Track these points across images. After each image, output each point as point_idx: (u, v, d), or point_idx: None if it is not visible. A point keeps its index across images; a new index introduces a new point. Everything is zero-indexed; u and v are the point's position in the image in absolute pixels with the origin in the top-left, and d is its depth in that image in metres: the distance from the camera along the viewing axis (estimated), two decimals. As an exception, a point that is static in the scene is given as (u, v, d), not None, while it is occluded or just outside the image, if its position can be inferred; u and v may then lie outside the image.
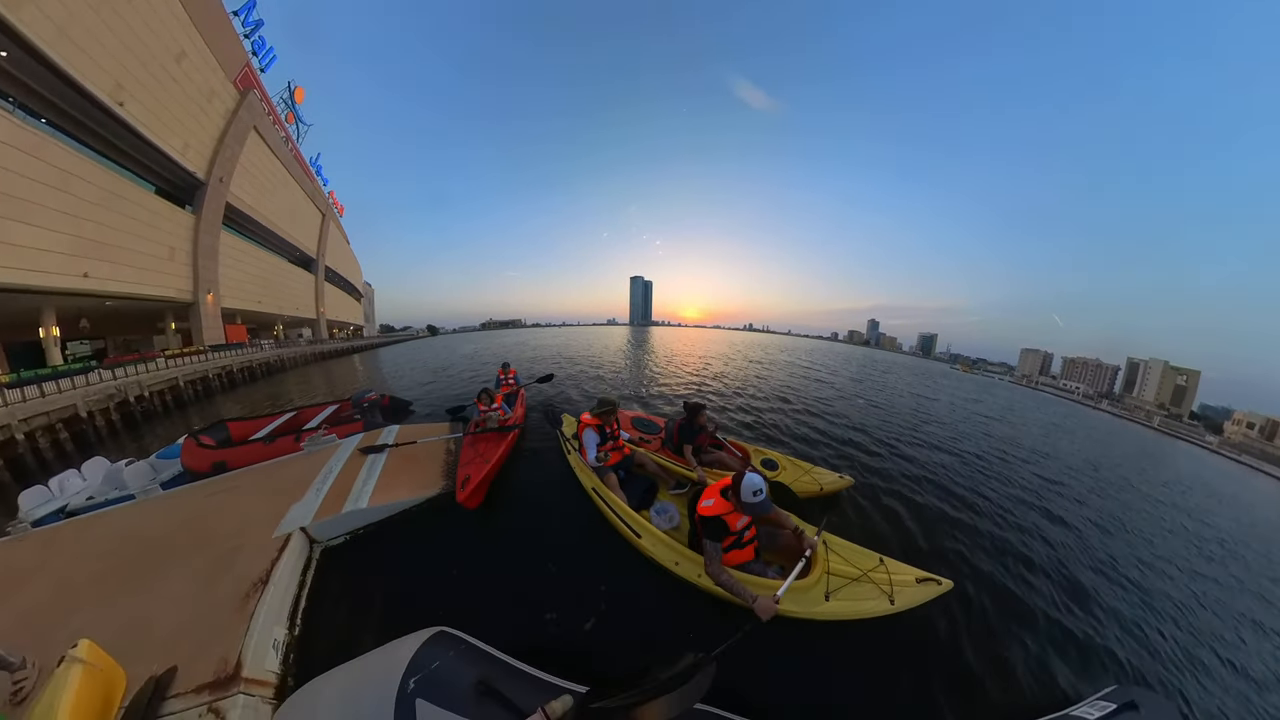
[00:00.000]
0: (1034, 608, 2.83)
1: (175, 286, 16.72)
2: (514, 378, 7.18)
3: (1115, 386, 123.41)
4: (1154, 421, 36.09)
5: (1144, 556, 4.04)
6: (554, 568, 2.79)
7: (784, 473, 3.90)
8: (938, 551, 3.37)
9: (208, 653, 1.86)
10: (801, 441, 6.14)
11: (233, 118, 18.96)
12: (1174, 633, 2.91)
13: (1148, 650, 2.66)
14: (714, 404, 8.54)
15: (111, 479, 4.16)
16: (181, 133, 15.99)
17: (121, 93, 12.94)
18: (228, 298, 20.69)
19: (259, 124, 21.44)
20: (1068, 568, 3.46)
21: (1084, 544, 4.00)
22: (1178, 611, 3.20)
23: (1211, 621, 3.17)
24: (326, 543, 2.98)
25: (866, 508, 3.94)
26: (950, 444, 7.01)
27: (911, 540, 3.49)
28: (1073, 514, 4.74)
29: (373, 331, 64.26)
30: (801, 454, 5.15)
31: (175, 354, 14.25)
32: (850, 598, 2.22)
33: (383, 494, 3.35)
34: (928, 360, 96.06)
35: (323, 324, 35.10)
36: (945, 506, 4.23)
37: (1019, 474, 5.96)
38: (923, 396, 13.08)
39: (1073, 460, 7.83)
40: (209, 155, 18.03)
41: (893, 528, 3.65)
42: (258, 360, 16.79)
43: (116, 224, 13.32)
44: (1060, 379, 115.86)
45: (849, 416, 8.13)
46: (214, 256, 18.88)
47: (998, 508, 4.45)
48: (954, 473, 5.40)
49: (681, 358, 18.86)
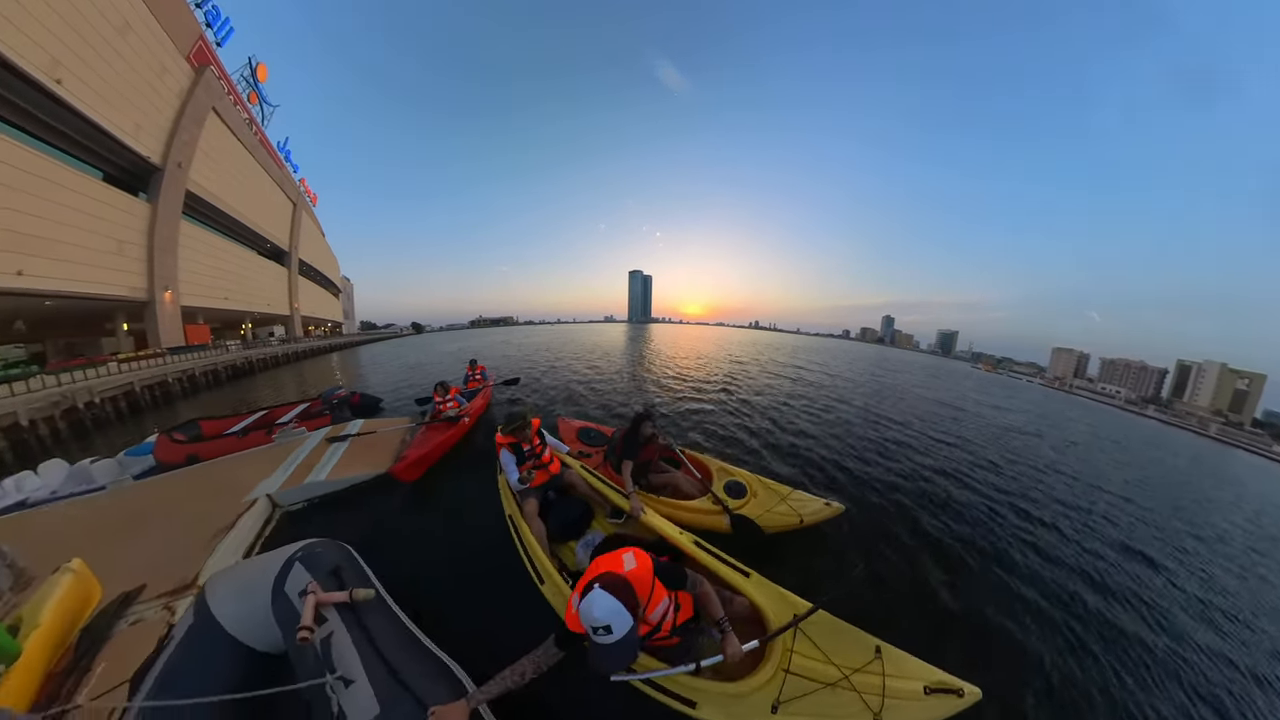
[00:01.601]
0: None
1: (127, 284, 16.20)
2: (482, 373, 7.95)
3: (1163, 391, 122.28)
4: (1210, 429, 35.41)
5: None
6: (458, 564, 2.95)
7: (753, 500, 3.34)
8: (969, 635, 2.62)
9: (173, 575, 2.48)
10: (781, 456, 5.64)
11: (188, 97, 18.35)
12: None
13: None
14: (682, 409, 8.14)
15: (78, 476, 4.22)
16: (131, 114, 15.41)
17: (59, 69, 12.37)
18: (190, 295, 20.18)
19: (218, 104, 20.84)
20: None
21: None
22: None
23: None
24: (287, 507, 3.71)
25: (864, 544, 3.41)
26: (983, 473, 6.32)
27: (928, 606, 2.83)
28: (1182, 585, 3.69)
29: (353, 329, 63.82)
30: (778, 475, 4.55)
31: (129, 357, 13.76)
32: (811, 713, 1.60)
33: (339, 470, 4.15)
34: (948, 360, 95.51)
35: (297, 321, 34.58)
36: (979, 562, 3.49)
37: (1087, 526, 4.70)
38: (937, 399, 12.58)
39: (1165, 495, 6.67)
40: (164, 139, 17.44)
41: (901, 593, 2.91)
42: (223, 362, 16.35)
43: (55, 215, 12.77)
44: (1098, 382, 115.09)
45: (842, 427, 7.66)
46: (173, 250, 18.36)
47: (1060, 573, 3.51)
48: (988, 519, 4.48)
49: (665, 356, 19.08)
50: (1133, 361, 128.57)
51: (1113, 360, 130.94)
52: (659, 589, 1.51)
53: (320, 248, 43.07)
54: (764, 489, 3.46)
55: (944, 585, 3.06)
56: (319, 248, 42.40)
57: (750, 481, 3.55)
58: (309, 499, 3.83)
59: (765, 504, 3.27)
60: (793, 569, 2.96)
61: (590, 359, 17.44)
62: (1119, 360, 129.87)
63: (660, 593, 1.51)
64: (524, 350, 21.38)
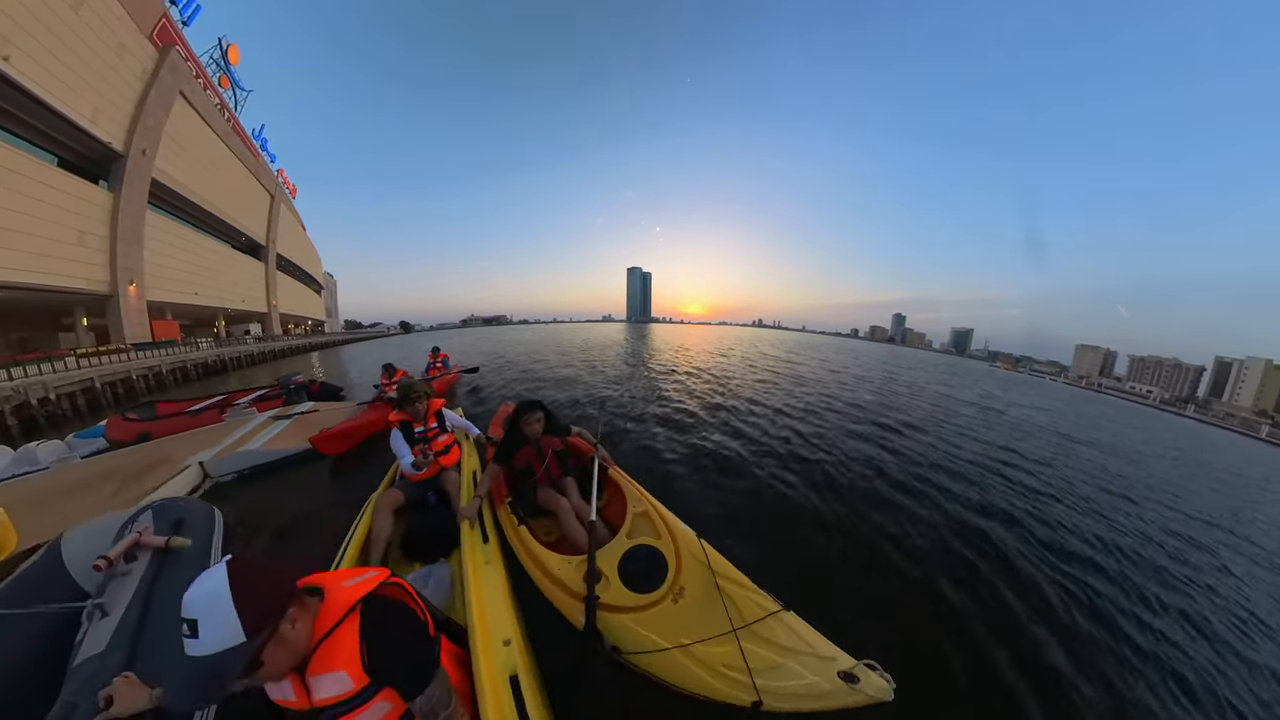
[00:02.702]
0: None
1: (86, 276, 15.95)
2: (443, 361, 8.72)
3: (1199, 390, 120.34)
4: (1261, 431, 34.80)
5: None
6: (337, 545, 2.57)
7: (660, 612, 1.85)
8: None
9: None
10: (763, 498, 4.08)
11: (152, 79, 18.10)
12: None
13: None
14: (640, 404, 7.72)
15: (22, 459, 4.25)
16: (89, 96, 15.17)
17: (6, 46, 12.14)
18: (157, 289, 19.93)
19: (186, 88, 20.58)
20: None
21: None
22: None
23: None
24: (218, 478, 3.85)
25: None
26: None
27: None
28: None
29: (336, 328, 63.57)
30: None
31: (90, 353, 13.56)
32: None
33: (274, 443, 4.37)
34: (963, 359, 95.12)
35: (275, 318, 34.36)
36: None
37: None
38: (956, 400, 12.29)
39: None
40: (126, 123, 17.18)
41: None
42: (193, 360, 16.03)
43: (6, 202, 12.54)
44: (1127, 380, 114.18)
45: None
46: (138, 241, 18.16)
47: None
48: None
49: (649, 351, 18.95)
50: (1165, 359, 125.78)
51: (1143, 358, 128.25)
52: (351, 652, 0.87)
53: (301, 242, 42.84)
54: (702, 589, 1.80)
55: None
56: (299, 242, 42.16)
57: (686, 560, 1.96)
58: (240, 469, 4.02)
59: (684, 625, 1.67)
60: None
61: (570, 358, 17.27)
62: (1149, 358, 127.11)
63: (351, 658, 0.87)
64: (508, 349, 21.30)
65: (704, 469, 4.49)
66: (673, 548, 2.03)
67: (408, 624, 0.97)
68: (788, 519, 3.50)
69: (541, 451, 2.60)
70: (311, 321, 47.70)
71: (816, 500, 3.84)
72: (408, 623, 0.97)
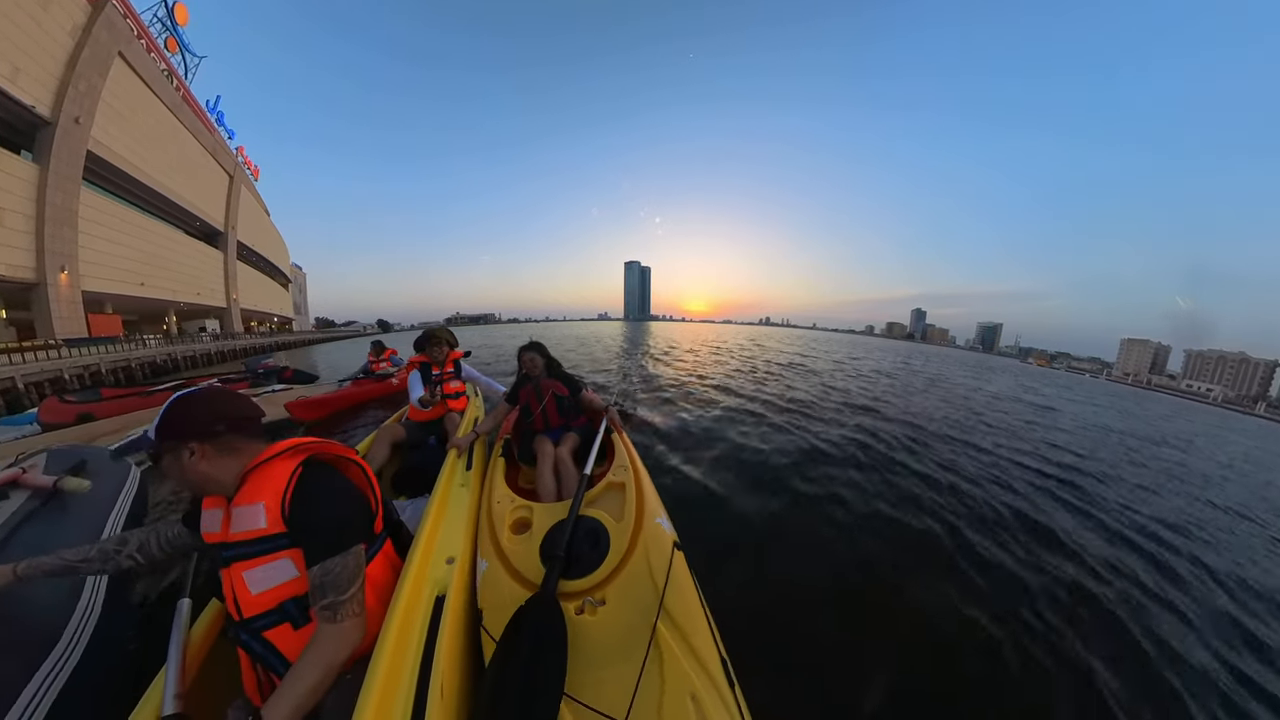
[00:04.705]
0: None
1: (5, 261, 15.00)
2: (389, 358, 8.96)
3: (1270, 388, 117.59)
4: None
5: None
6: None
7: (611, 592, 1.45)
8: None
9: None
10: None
11: (84, 36, 17.13)
12: None
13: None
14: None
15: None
16: (5, 50, 14.21)
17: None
18: (95, 278, 19.07)
19: (126, 49, 19.62)
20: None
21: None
22: None
23: None
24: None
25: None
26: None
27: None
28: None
29: (306, 325, 62.60)
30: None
31: (10, 349, 12.57)
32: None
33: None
34: (991, 356, 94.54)
35: (236, 314, 33.47)
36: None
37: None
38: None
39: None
40: (54, 86, 16.24)
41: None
42: (139, 358, 15.19)
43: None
44: (1183, 378, 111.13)
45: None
46: (71, 223, 17.29)
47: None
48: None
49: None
50: (1229, 353, 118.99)
51: (1201, 352, 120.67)
52: (277, 490, 0.94)
53: (264, 229, 41.88)
54: (630, 617, 1.26)
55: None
56: (263, 229, 41.21)
57: (635, 566, 1.44)
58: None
59: (573, 642, 1.18)
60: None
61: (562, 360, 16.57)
62: (1209, 352, 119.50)
63: (275, 494, 0.93)
64: (480, 352, 20.64)
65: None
66: (627, 539, 1.56)
67: (343, 488, 1.02)
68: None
69: (540, 392, 2.68)
70: (278, 318, 46.90)
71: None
72: (344, 488, 1.02)
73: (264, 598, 0.91)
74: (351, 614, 0.90)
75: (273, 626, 0.92)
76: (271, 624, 0.92)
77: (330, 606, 0.87)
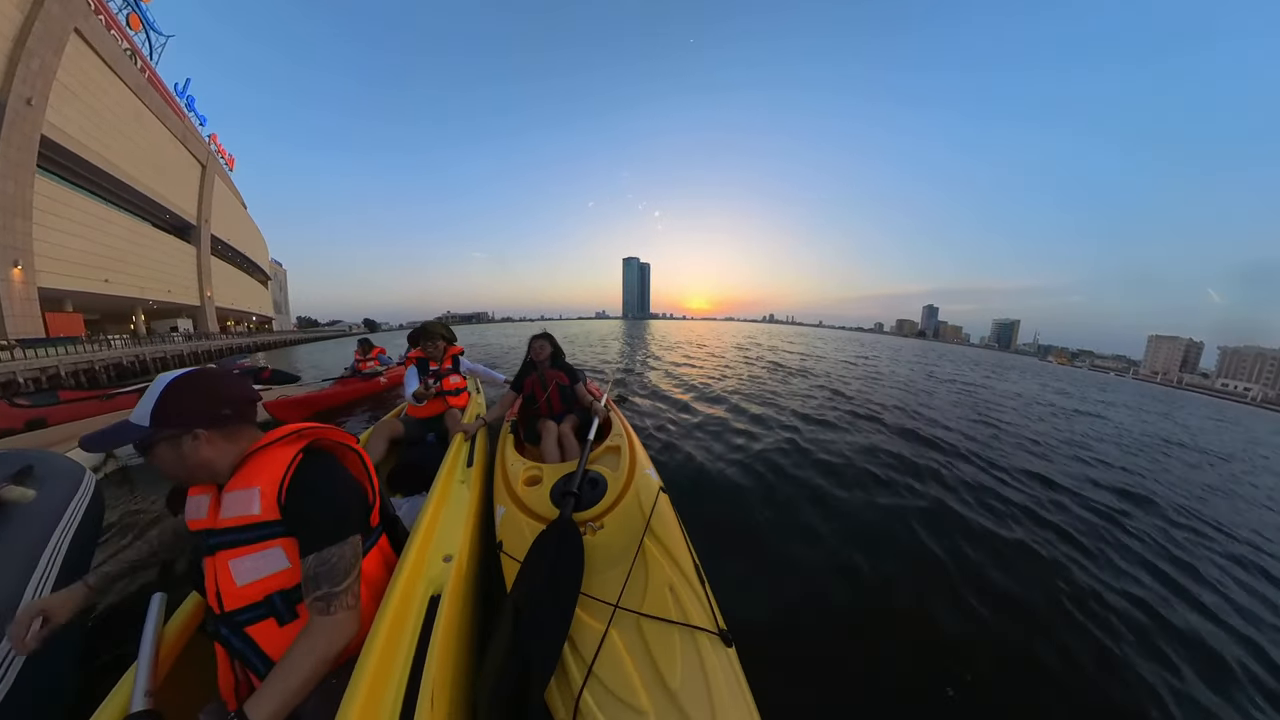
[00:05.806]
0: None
1: (-51, 253, 14.37)
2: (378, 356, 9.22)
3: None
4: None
5: None
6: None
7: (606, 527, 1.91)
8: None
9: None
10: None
11: (35, 9, 16.53)
12: None
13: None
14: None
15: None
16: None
17: None
18: (52, 273, 18.55)
19: (83, 25, 18.97)
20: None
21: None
22: None
23: None
24: (128, 460, 3.62)
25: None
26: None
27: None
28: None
29: (287, 325, 61.91)
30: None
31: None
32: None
33: None
34: (1008, 354, 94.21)
35: (210, 313, 32.85)
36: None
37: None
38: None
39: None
40: (2, 64, 15.65)
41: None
42: (104, 360, 14.73)
43: None
44: (1216, 377, 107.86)
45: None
46: (25, 214, 16.79)
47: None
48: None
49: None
50: (1268, 350, 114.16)
51: (1237, 349, 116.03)
52: (275, 476, 0.93)
53: (241, 222, 41.26)
54: (623, 538, 1.68)
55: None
56: (239, 222, 40.58)
57: (627, 503, 1.89)
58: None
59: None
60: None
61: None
62: (1246, 348, 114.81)
63: (272, 480, 0.93)
64: (472, 352, 20.28)
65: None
66: (621, 484, 2.00)
67: (342, 477, 1.01)
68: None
69: (545, 380, 2.92)
70: (256, 317, 46.35)
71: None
72: (343, 476, 1.02)
73: (250, 589, 0.89)
74: (345, 606, 0.89)
75: (256, 622, 0.90)
76: (255, 619, 0.90)
77: (324, 598, 0.86)
